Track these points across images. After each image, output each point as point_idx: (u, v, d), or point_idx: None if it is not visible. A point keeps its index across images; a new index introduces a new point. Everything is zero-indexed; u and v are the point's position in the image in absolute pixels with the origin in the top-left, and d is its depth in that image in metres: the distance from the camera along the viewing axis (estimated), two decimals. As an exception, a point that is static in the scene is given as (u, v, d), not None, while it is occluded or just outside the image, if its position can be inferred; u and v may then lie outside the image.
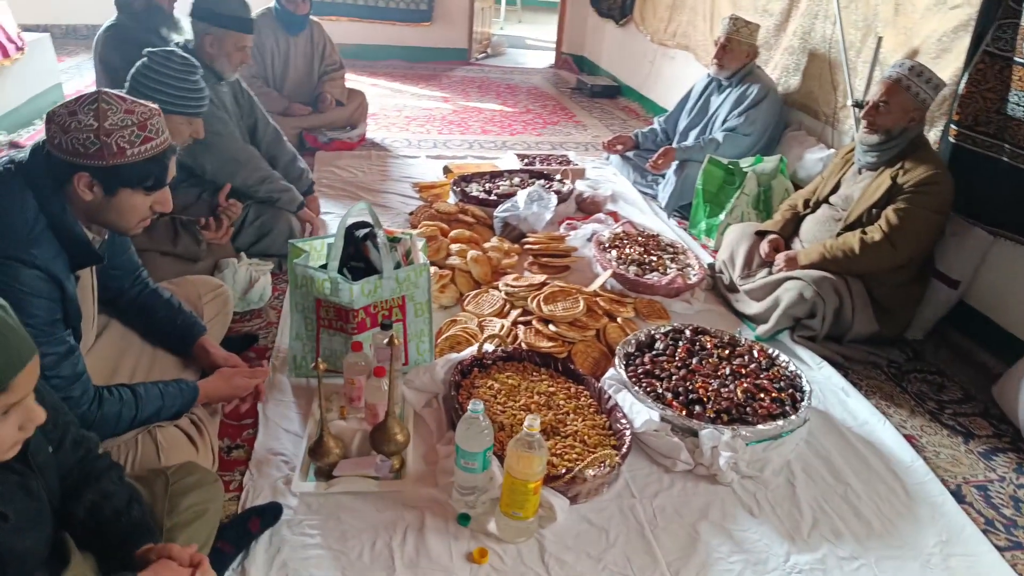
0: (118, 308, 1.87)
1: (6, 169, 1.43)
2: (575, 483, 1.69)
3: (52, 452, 1.16)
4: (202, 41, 2.65)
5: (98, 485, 1.22)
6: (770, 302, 2.57)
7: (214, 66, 2.68)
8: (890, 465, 1.99)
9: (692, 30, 5.02)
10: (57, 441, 1.18)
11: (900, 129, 2.45)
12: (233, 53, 2.68)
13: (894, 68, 2.45)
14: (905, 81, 2.40)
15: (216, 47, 2.64)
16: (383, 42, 7.22)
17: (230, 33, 2.63)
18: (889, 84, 2.43)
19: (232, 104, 2.90)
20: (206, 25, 2.63)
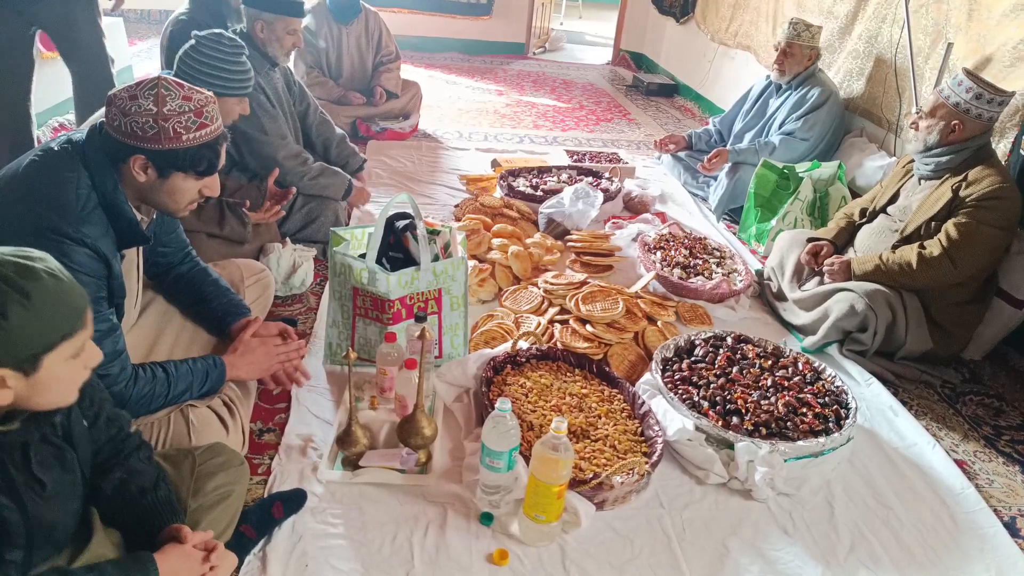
0: (167, 282, 1.90)
1: (63, 148, 1.48)
2: (602, 489, 1.65)
3: (88, 428, 1.19)
4: (254, 27, 2.70)
5: (127, 463, 1.25)
6: (819, 313, 2.47)
7: (267, 51, 2.73)
8: (938, 491, 1.90)
9: (754, 30, 4.89)
10: (93, 417, 1.21)
11: (937, 141, 2.36)
12: (284, 37, 2.72)
13: (947, 84, 2.36)
14: (946, 92, 2.32)
15: (267, 32, 2.69)
16: (442, 35, 7.25)
17: (280, 18, 2.68)
18: (935, 98, 2.38)
19: (284, 90, 2.94)
20: (257, 11, 2.68)
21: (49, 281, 0.97)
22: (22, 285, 0.94)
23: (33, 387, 0.99)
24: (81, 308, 1.02)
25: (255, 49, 2.71)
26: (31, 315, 0.94)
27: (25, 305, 0.94)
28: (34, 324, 0.95)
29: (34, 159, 1.47)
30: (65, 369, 1.01)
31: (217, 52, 2.09)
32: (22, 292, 0.94)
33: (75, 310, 1.01)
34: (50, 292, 0.97)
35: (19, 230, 1.38)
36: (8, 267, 0.95)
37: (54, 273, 0.99)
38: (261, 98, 2.69)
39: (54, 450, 1.09)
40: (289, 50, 2.78)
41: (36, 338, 0.96)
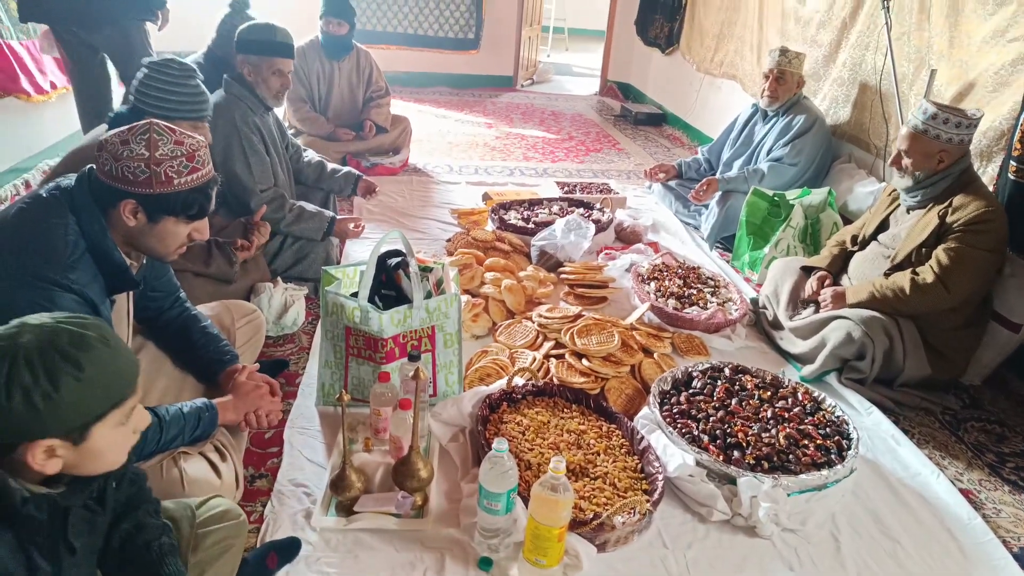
0: (156, 328, 1.87)
1: (51, 194, 1.47)
2: (603, 530, 1.61)
3: (115, 488, 1.18)
4: (243, 70, 2.71)
5: (134, 516, 1.23)
6: (816, 341, 2.46)
7: (257, 93, 2.73)
8: (945, 522, 1.86)
9: (739, 59, 4.95)
10: (119, 477, 1.20)
11: (929, 172, 2.36)
12: (270, 78, 2.72)
13: (913, 114, 2.38)
14: (921, 127, 2.33)
15: (254, 75, 2.70)
16: (431, 69, 7.31)
17: (264, 59, 2.69)
18: (908, 132, 2.38)
19: (277, 132, 2.96)
20: (243, 55, 2.70)
21: (102, 351, 0.98)
22: (76, 357, 0.94)
23: (82, 455, 0.99)
24: (132, 375, 1.03)
25: (249, 91, 2.72)
26: (83, 387, 0.95)
27: (78, 377, 0.94)
28: (85, 395, 0.95)
29: (22, 206, 1.47)
30: (114, 435, 1.02)
31: (165, 76, 2.06)
32: (75, 364, 0.94)
33: (126, 378, 1.02)
34: (102, 362, 0.97)
35: (7, 276, 1.37)
36: (63, 336, 0.95)
37: (108, 342, 0.99)
38: (254, 138, 2.69)
39: (88, 515, 1.10)
40: (278, 92, 2.77)
41: (85, 409, 0.97)
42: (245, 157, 2.65)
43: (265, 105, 2.78)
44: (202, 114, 2.16)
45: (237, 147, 2.64)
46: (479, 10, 7.16)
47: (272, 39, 2.71)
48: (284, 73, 2.75)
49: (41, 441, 0.94)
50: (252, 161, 2.68)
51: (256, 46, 2.69)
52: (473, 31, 7.26)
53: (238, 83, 2.73)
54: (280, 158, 2.93)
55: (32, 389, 0.91)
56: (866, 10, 3.49)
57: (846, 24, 3.65)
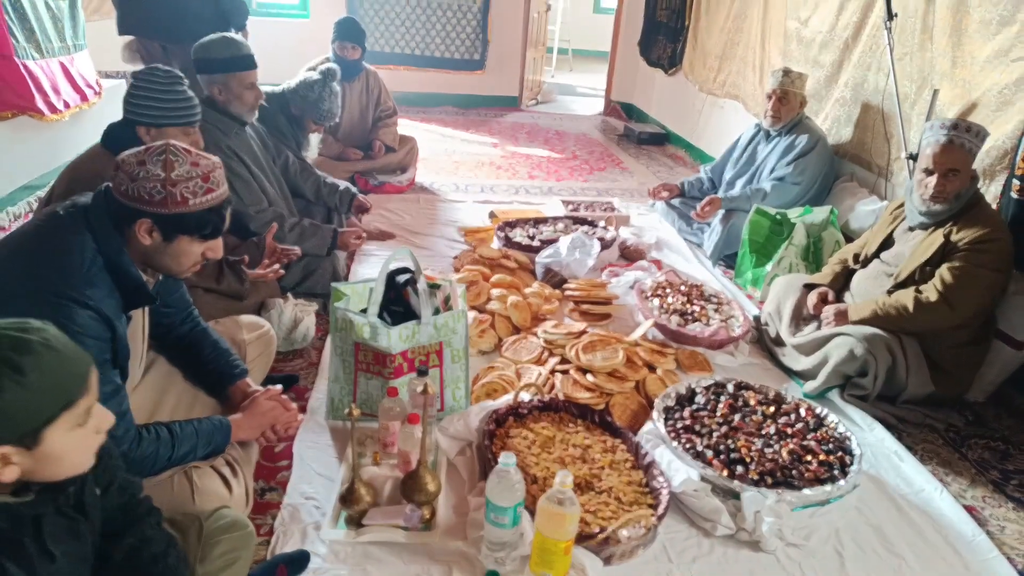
0: (166, 344, 1.89)
1: (67, 212, 1.49)
2: (608, 544, 1.63)
3: (100, 495, 1.18)
4: (211, 92, 2.69)
5: (138, 529, 1.23)
6: (819, 358, 2.47)
7: (231, 111, 2.72)
8: (949, 539, 1.87)
9: (741, 80, 5.01)
10: (106, 484, 1.20)
11: (965, 189, 2.35)
12: (243, 93, 2.70)
13: (944, 131, 2.31)
14: (967, 144, 2.30)
15: (225, 93, 2.68)
16: (437, 90, 7.40)
17: (232, 75, 2.67)
18: (951, 149, 2.29)
19: (260, 148, 2.95)
20: (208, 76, 2.67)
21: (45, 354, 0.96)
22: (16, 361, 0.93)
23: (39, 460, 0.98)
24: (82, 376, 1.01)
25: (220, 113, 2.70)
26: (25, 391, 0.93)
27: (19, 382, 0.93)
28: (30, 399, 0.94)
29: (40, 222, 1.49)
30: (71, 438, 1.00)
31: (151, 84, 2.09)
32: (15, 368, 0.93)
33: (74, 379, 1.00)
34: (45, 365, 0.96)
35: (24, 293, 1.39)
36: (2, 343, 0.94)
37: (50, 344, 0.98)
38: (232, 163, 2.67)
39: (67, 521, 1.08)
40: (252, 105, 2.76)
41: (33, 413, 0.95)
42: (230, 184, 2.65)
43: (238, 121, 2.77)
44: (192, 119, 2.17)
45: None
46: (484, 31, 7.27)
47: (237, 53, 2.68)
48: (255, 85, 2.74)
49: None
50: (237, 186, 2.66)
51: (222, 64, 2.66)
52: (479, 52, 7.36)
53: (207, 107, 2.66)
54: (267, 173, 2.92)
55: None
56: (868, 31, 3.54)
57: (848, 44, 3.69)
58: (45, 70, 3.84)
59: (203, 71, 2.68)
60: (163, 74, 2.11)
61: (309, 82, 3.37)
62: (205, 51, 2.67)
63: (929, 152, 2.36)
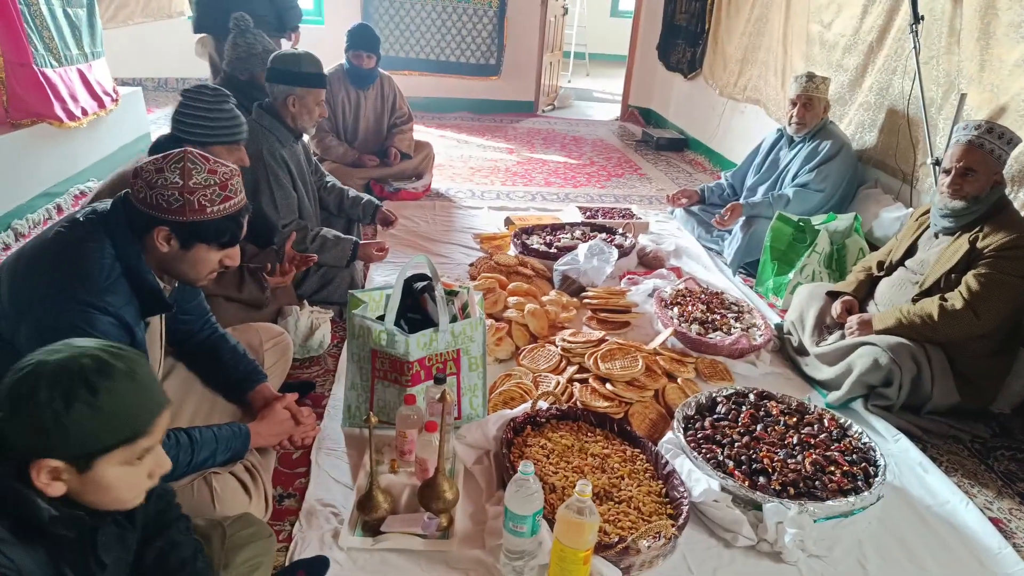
0: (185, 350, 1.91)
1: (87, 219, 1.51)
2: (628, 554, 1.61)
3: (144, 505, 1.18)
4: (285, 102, 2.73)
5: (167, 534, 1.25)
6: (843, 367, 2.44)
7: (296, 124, 2.77)
8: (975, 551, 1.84)
9: (763, 84, 4.97)
10: (148, 494, 1.20)
11: (986, 194, 2.33)
12: (314, 109, 2.77)
13: (968, 131, 2.32)
14: (988, 144, 2.28)
15: (299, 105, 2.73)
16: (452, 95, 7.42)
17: (311, 91, 2.73)
18: (971, 149, 2.30)
19: (305, 162, 2.99)
20: (287, 87, 2.72)
21: (122, 383, 0.97)
22: (94, 383, 0.95)
23: (86, 484, 0.99)
24: (148, 416, 1.01)
25: (281, 124, 2.75)
26: (93, 414, 0.95)
27: (90, 403, 0.94)
28: (94, 423, 0.95)
29: (60, 230, 1.50)
30: (122, 473, 1.01)
31: (199, 103, 2.12)
32: (91, 389, 0.94)
33: (141, 417, 1.00)
34: (119, 395, 0.97)
35: (44, 299, 1.41)
36: (88, 360, 0.96)
37: (133, 376, 0.99)
38: (280, 173, 2.71)
39: (118, 531, 1.11)
40: (317, 121, 2.84)
41: (93, 437, 0.96)
42: (271, 192, 2.68)
43: (296, 135, 2.82)
44: (238, 137, 2.20)
45: (264, 182, 2.66)
46: (500, 36, 7.27)
47: (320, 72, 2.76)
48: (323, 103, 2.82)
49: (46, 460, 0.95)
50: (278, 196, 2.70)
51: (305, 78, 2.72)
52: (495, 57, 7.37)
53: (269, 113, 2.75)
54: (308, 189, 2.95)
55: (44, 407, 0.93)
56: (893, 34, 3.50)
57: (873, 48, 3.65)
58: (64, 78, 3.90)
59: (283, 81, 2.72)
60: (211, 93, 2.15)
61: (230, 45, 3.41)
62: (291, 63, 2.72)
63: (950, 152, 2.36)
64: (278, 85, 2.74)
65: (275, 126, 2.74)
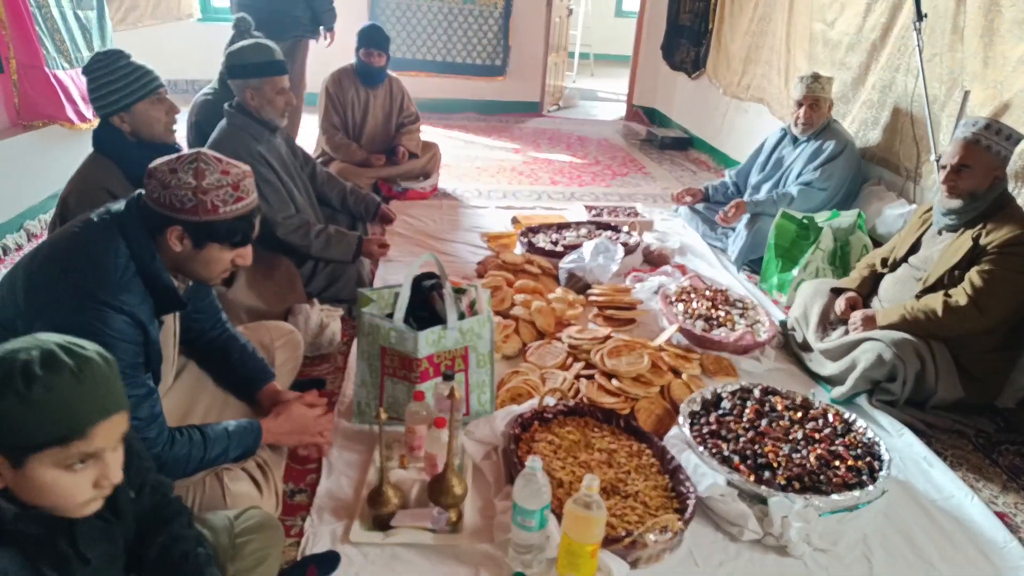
0: (196, 348, 1.93)
1: (101, 218, 1.52)
2: (635, 547, 1.63)
3: (133, 497, 1.19)
4: (244, 96, 2.70)
5: (169, 528, 1.25)
6: (847, 363, 2.46)
7: (262, 116, 2.73)
8: (980, 545, 1.85)
9: (767, 83, 4.98)
10: (139, 486, 1.21)
11: (983, 191, 2.34)
12: (275, 98, 2.71)
13: (967, 127, 2.34)
14: (984, 141, 2.30)
15: (258, 98, 2.69)
16: (458, 96, 7.44)
17: (266, 80, 2.67)
18: (968, 145, 2.32)
19: (288, 153, 2.97)
20: (242, 81, 2.68)
21: (63, 380, 0.92)
22: (32, 374, 0.91)
23: (21, 482, 0.95)
24: (85, 420, 0.95)
25: (251, 119, 2.71)
26: (24, 407, 0.90)
27: (21, 395, 0.90)
28: (23, 416, 0.91)
29: (74, 229, 1.52)
30: (56, 477, 0.95)
31: (97, 71, 2.10)
32: (27, 380, 0.90)
33: (76, 419, 0.94)
34: (56, 391, 0.92)
35: (60, 298, 1.42)
36: (37, 352, 0.93)
37: (79, 375, 0.94)
38: (262, 169, 2.68)
39: (101, 523, 1.09)
40: (283, 110, 2.77)
41: (21, 431, 0.91)
42: (259, 190, 2.68)
43: (270, 127, 2.78)
44: (154, 86, 2.17)
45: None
46: (506, 37, 7.30)
47: (270, 59, 2.69)
48: (286, 90, 2.75)
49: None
50: (266, 192, 2.68)
51: (255, 68, 2.67)
52: (500, 58, 7.39)
53: (239, 112, 2.71)
54: (296, 179, 2.94)
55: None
56: (896, 32, 3.51)
57: (876, 46, 3.66)
58: (75, 80, 3.92)
59: (236, 76, 2.69)
60: (103, 56, 2.12)
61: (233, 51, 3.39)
62: (238, 56, 2.69)
63: (949, 149, 2.39)
64: (235, 81, 2.70)
65: (247, 123, 2.70)
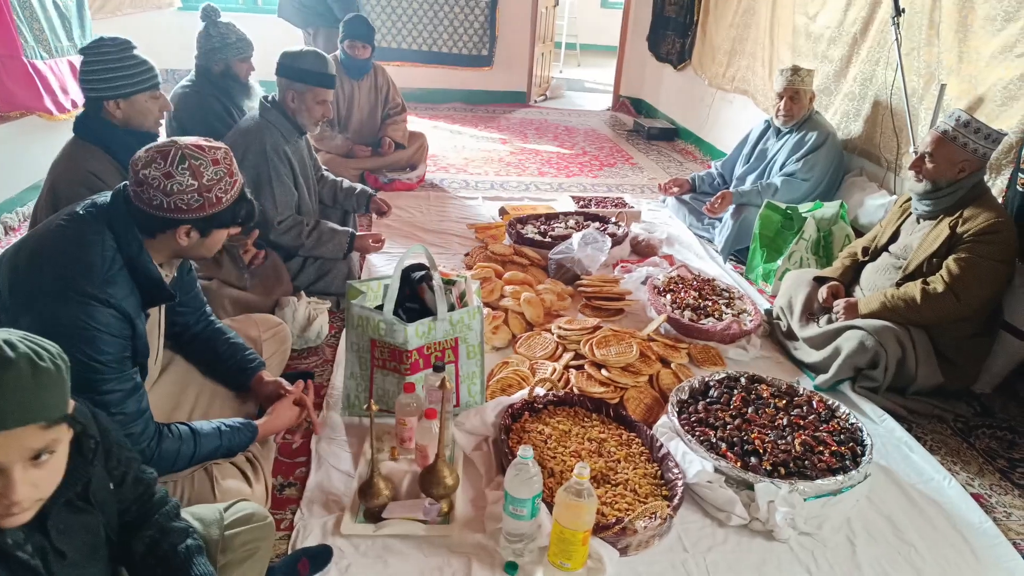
0: (182, 342, 1.93)
1: (87, 211, 1.51)
2: (625, 534, 1.66)
3: (113, 489, 1.18)
4: (285, 96, 2.74)
5: (156, 521, 1.24)
6: (830, 351, 2.50)
7: (296, 120, 2.77)
8: (957, 526, 1.90)
9: (751, 75, 5.01)
10: (119, 478, 1.20)
11: (949, 180, 2.40)
12: (313, 107, 2.76)
13: (944, 120, 2.42)
14: (951, 133, 2.36)
15: (297, 101, 2.73)
16: (445, 86, 7.42)
17: (310, 88, 2.72)
18: (936, 136, 2.41)
19: (308, 157, 3.00)
20: (288, 81, 2.72)
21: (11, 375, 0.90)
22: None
23: None
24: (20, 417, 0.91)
25: (285, 118, 2.75)
26: None
27: None
28: None
29: (60, 223, 1.50)
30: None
31: (103, 57, 2.09)
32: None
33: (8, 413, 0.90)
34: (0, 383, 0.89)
35: (46, 292, 1.42)
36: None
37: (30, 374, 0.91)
38: (283, 169, 2.72)
39: (78, 515, 1.08)
40: (318, 120, 2.82)
41: None
42: (271, 189, 2.69)
43: (300, 131, 2.82)
44: (155, 82, 2.18)
45: (265, 178, 2.67)
46: (492, 27, 7.28)
47: (324, 71, 2.74)
48: (327, 103, 2.80)
49: None
50: (278, 192, 2.71)
51: (308, 76, 2.71)
52: (487, 48, 7.37)
53: (275, 109, 2.74)
54: (309, 184, 2.97)
55: None
56: (876, 26, 3.55)
57: (856, 40, 3.70)
58: (54, 69, 3.86)
59: (286, 76, 2.73)
60: (111, 43, 2.10)
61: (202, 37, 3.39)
62: (295, 60, 2.72)
63: (925, 139, 2.48)
64: (282, 79, 2.75)
65: (280, 121, 2.74)
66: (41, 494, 0.97)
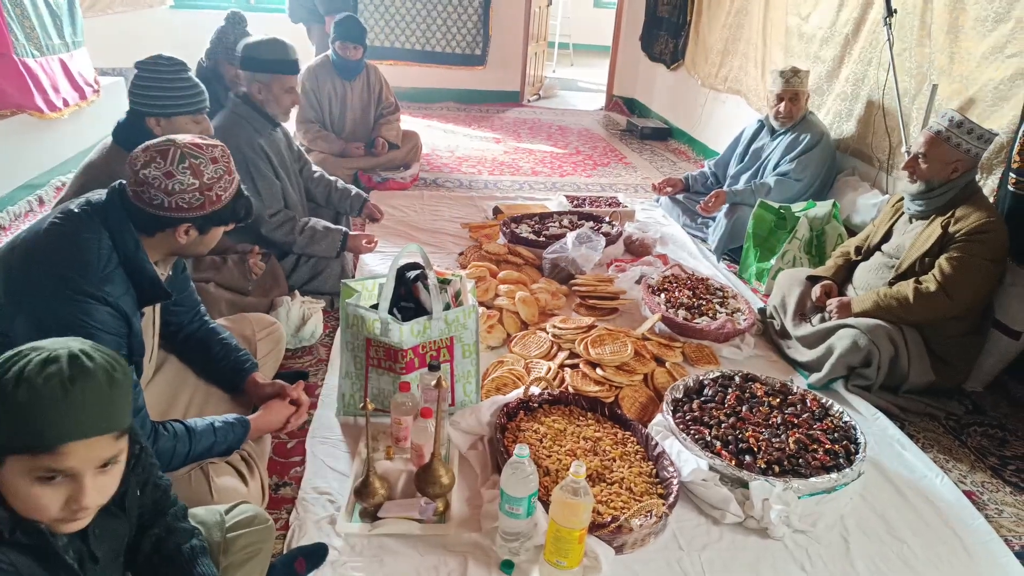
0: (176, 342, 1.93)
1: (83, 210, 1.51)
2: (621, 532, 1.66)
3: (139, 495, 1.19)
4: (251, 89, 2.72)
5: (163, 521, 1.25)
6: (823, 350, 2.52)
7: (266, 111, 2.75)
8: (949, 523, 1.92)
9: (743, 75, 5.03)
10: (143, 483, 1.21)
11: (942, 180, 2.42)
12: (282, 96, 2.73)
13: (937, 120, 2.44)
14: (945, 133, 2.38)
15: (264, 92, 2.71)
16: (438, 85, 7.41)
17: (275, 77, 2.70)
18: (929, 136, 2.42)
19: (287, 149, 2.98)
20: (251, 73, 2.70)
21: (48, 389, 0.89)
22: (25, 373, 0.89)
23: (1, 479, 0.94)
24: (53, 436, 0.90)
25: (256, 111, 2.73)
26: (4, 404, 0.89)
27: (8, 392, 0.89)
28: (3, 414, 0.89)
29: (55, 221, 1.50)
30: (24, 486, 0.92)
31: (156, 73, 2.10)
32: (19, 378, 0.89)
33: (45, 432, 0.90)
34: (36, 398, 0.89)
35: (42, 290, 1.41)
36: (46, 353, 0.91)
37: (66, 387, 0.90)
38: (260, 163, 2.71)
39: (112, 520, 1.10)
40: (288, 108, 2.79)
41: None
42: (253, 183, 2.68)
43: (273, 122, 2.80)
44: (200, 106, 2.19)
45: (244, 173, 2.61)
46: (486, 26, 7.27)
47: (285, 57, 2.71)
48: (294, 90, 2.78)
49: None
50: (260, 185, 2.70)
51: (267, 64, 2.68)
52: (480, 47, 7.36)
53: (244, 103, 2.73)
54: (291, 177, 2.95)
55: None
56: (868, 27, 3.57)
57: (849, 40, 3.72)
58: (45, 68, 3.85)
59: (247, 68, 2.71)
60: (167, 62, 2.12)
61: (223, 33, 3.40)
62: (253, 50, 2.70)
63: (919, 137, 2.49)
64: (245, 72, 2.72)
65: (251, 115, 2.72)
66: (103, 500, 1.00)
